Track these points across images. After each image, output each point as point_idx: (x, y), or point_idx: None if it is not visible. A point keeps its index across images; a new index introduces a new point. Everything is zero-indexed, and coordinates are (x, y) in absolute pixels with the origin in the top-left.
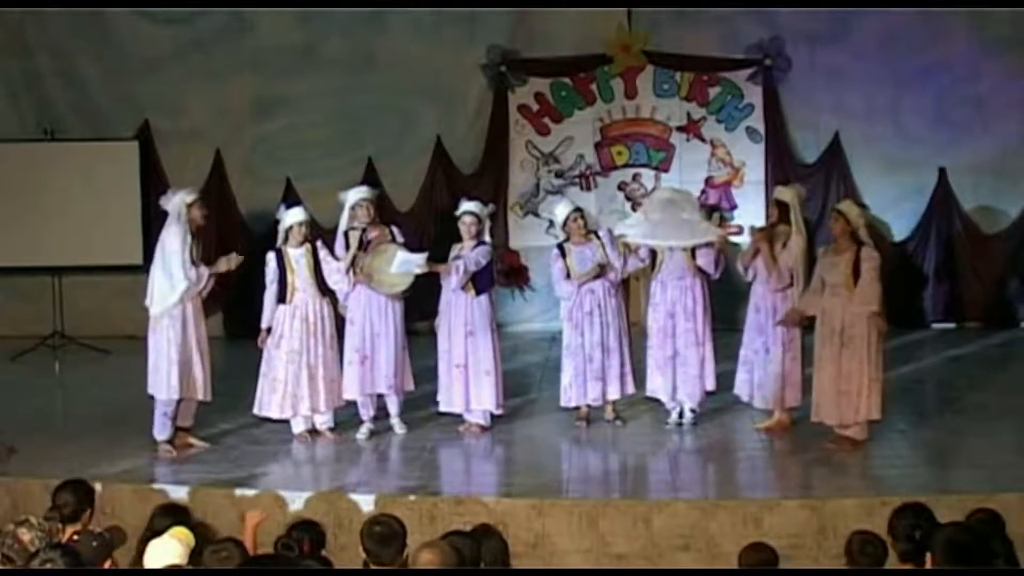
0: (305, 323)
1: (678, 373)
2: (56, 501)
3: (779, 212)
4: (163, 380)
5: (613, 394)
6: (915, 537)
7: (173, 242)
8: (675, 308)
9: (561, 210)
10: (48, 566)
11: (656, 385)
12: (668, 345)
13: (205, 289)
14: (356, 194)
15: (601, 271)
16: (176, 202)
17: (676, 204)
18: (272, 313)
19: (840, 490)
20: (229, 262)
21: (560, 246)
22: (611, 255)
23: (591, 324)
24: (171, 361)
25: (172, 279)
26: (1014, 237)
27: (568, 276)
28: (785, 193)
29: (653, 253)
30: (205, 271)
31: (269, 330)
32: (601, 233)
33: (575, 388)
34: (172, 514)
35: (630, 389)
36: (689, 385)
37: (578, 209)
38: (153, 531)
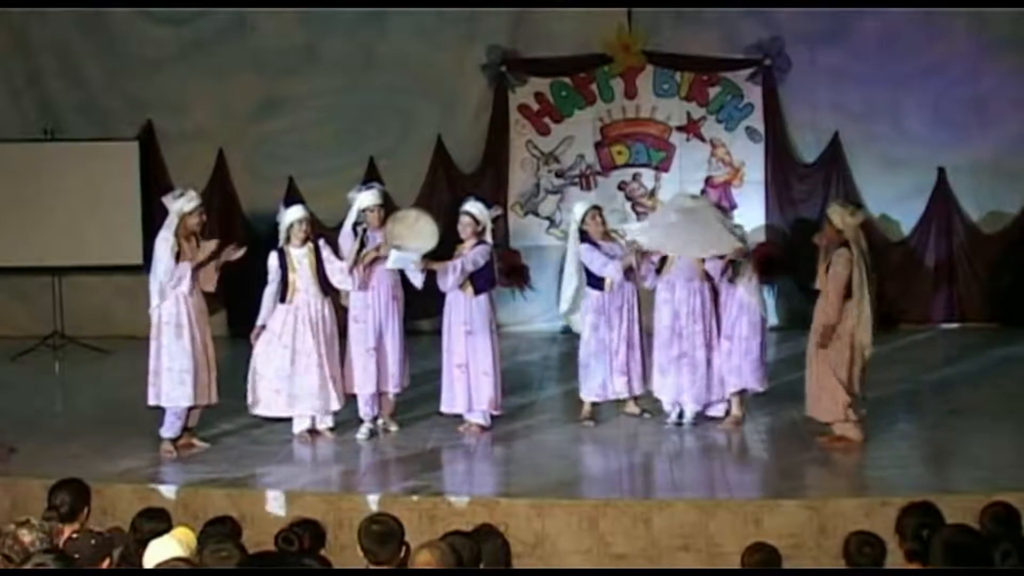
0: (307, 323)
1: (684, 374)
2: (52, 501)
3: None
4: (162, 388)
5: (638, 389)
6: (923, 536)
7: (160, 247)
8: (682, 309)
9: (579, 207)
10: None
11: (659, 385)
12: (675, 346)
13: (212, 284)
14: (370, 199)
15: (640, 258)
16: (175, 208)
17: (695, 213)
18: (269, 312)
19: (840, 490)
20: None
21: (587, 241)
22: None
23: (620, 320)
24: (168, 369)
25: (158, 281)
26: (1014, 237)
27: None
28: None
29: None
30: (186, 266)
31: (264, 327)
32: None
33: (603, 384)
34: (154, 518)
35: (649, 385)
36: (696, 387)
37: (596, 207)
38: (138, 536)
